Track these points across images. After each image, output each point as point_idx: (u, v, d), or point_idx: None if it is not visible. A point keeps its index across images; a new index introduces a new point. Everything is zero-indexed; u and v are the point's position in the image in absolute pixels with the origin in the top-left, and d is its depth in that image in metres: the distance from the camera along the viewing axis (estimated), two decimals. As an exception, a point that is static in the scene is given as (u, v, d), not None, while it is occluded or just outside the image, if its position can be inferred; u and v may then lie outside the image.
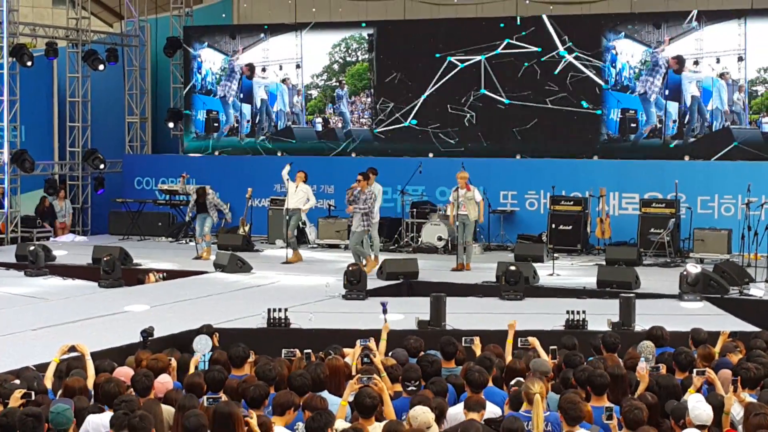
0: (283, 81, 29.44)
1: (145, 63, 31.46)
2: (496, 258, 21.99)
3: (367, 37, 28.60)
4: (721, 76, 25.46)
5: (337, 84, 28.90)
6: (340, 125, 28.89)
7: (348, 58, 28.85)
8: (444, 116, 27.72)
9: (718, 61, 25.53)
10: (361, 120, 28.82)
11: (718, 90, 25.48)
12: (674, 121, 25.83)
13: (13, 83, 27.35)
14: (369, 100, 28.62)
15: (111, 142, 30.63)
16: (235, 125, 30.04)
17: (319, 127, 29.18)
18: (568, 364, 10.87)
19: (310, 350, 11.25)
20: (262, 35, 29.72)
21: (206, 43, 30.30)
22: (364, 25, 28.66)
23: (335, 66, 28.94)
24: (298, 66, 29.21)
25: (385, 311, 12.84)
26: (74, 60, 29.82)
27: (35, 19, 37.43)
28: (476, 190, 22.50)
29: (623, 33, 26.25)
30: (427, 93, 27.81)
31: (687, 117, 25.72)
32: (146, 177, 29.99)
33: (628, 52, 26.27)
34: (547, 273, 20.79)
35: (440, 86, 27.73)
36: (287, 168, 23.29)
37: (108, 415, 9.21)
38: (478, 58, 27.27)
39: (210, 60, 30.35)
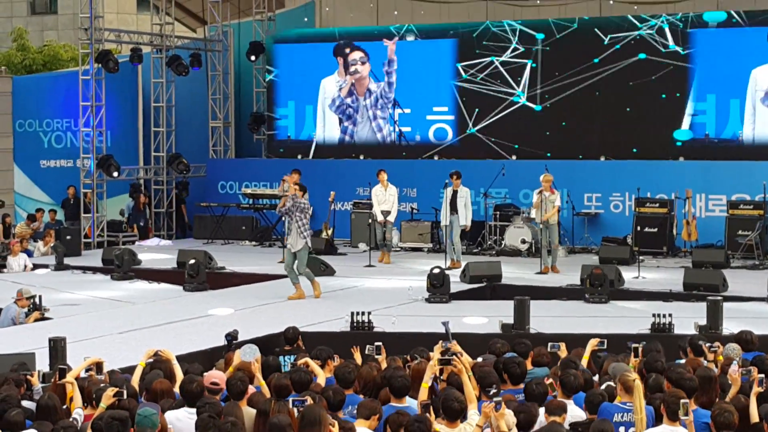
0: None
1: (228, 68, 31.66)
2: (581, 261, 21.82)
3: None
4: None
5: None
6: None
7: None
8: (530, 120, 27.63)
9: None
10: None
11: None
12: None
13: (98, 89, 27.69)
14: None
15: (195, 146, 30.86)
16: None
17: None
18: (649, 368, 10.72)
19: (380, 343, 11.30)
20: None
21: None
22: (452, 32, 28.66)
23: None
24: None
25: (447, 332, 12.53)
26: (158, 65, 30.09)
27: (120, 25, 37.91)
28: (558, 195, 22.35)
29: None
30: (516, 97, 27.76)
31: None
32: (230, 181, 30.14)
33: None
34: (632, 276, 20.55)
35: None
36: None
37: (184, 410, 9.27)
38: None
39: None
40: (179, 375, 10.55)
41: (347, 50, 29.79)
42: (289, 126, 30.58)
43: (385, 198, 24.02)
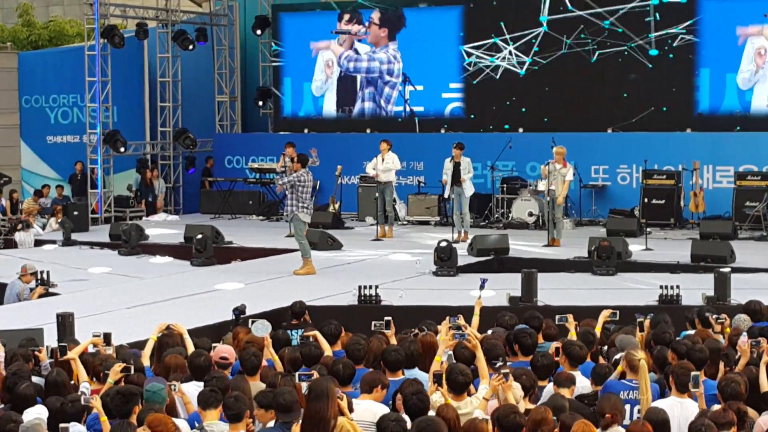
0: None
1: (234, 42, 31.57)
2: (588, 233, 21.80)
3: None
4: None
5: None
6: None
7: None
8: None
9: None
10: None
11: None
12: None
13: (104, 64, 27.65)
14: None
15: (201, 121, 30.82)
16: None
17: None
18: (657, 340, 10.72)
19: (389, 318, 11.25)
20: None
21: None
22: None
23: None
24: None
25: (482, 287, 12.73)
26: (164, 40, 30.00)
27: (125, 0, 37.70)
28: (570, 168, 22.27)
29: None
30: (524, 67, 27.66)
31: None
32: (236, 156, 30.09)
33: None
34: (639, 248, 20.52)
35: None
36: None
37: (193, 384, 9.32)
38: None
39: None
40: (191, 349, 10.59)
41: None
42: (285, 104, 30.54)
43: (382, 167, 23.63)
